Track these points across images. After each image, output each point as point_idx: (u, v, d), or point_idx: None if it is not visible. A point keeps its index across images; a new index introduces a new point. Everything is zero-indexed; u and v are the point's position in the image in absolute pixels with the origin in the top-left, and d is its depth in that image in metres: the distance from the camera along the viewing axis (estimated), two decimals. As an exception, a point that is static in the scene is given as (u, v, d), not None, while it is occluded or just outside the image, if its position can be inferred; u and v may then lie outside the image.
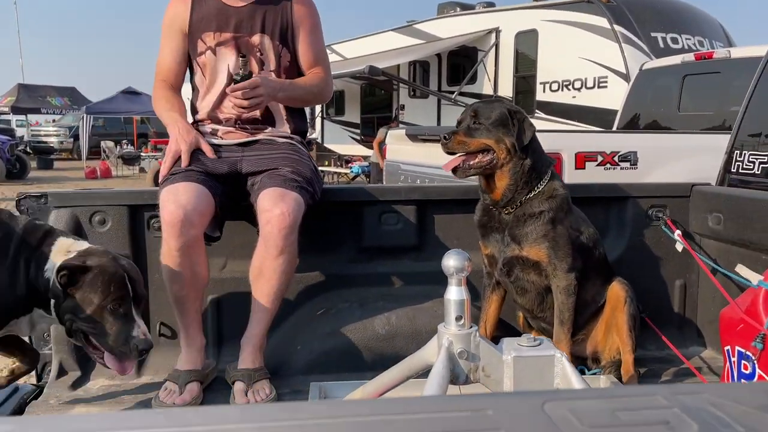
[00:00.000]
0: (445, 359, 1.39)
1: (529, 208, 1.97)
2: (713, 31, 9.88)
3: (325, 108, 16.71)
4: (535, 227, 1.96)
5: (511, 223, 1.99)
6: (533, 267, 2.01)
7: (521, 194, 1.97)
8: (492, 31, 11.20)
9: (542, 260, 1.97)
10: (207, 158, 2.10)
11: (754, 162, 2.34)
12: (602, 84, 9.16)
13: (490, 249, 2.06)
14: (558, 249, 1.97)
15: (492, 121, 1.95)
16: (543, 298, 2.06)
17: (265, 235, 1.94)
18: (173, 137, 2.09)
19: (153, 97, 2.22)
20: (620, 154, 4.14)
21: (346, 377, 2.16)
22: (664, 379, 2.21)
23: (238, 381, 1.98)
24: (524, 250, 1.98)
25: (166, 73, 2.21)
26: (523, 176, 1.96)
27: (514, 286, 2.09)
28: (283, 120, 2.25)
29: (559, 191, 2.01)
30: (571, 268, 1.98)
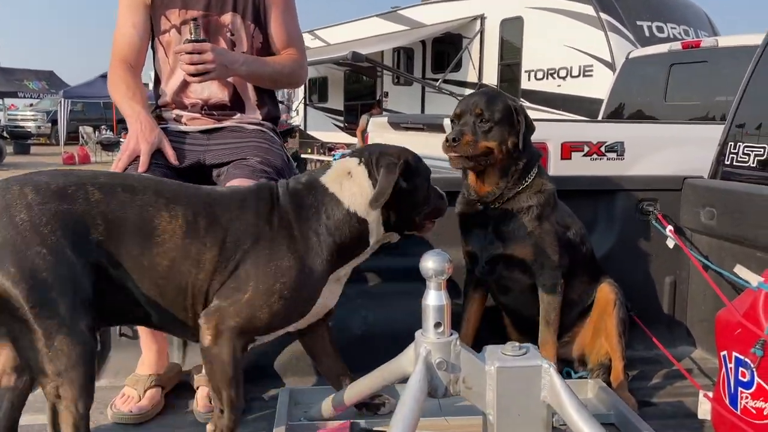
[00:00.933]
0: (423, 371, 1.27)
1: (517, 203, 1.85)
2: (698, 20, 9.82)
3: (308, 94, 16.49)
4: (522, 223, 1.84)
5: (496, 219, 1.87)
6: (518, 265, 1.89)
7: (511, 190, 1.85)
8: (477, 17, 11.05)
9: (528, 258, 1.86)
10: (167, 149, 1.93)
11: (749, 154, 2.24)
12: (588, 73, 9.06)
13: (471, 246, 1.93)
14: (545, 246, 1.86)
15: (498, 119, 1.81)
16: (527, 297, 1.95)
17: None
18: (133, 133, 1.89)
19: (109, 80, 2.00)
20: (607, 144, 4.04)
21: (319, 381, 2.04)
22: (654, 382, 2.11)
23: (202, 386, 1.85)
24: (509, 248, 1.86)
25: (126, 50, 2.02)
26: (515, 173, 1.85)
27: (497, 284, 1.98)
28: (253, 105, 2.10)
29: (547, 186, 1.89)
30: (558, 266, 1.87)
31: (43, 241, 1.24)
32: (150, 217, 1.36)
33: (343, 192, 1.49)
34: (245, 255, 1.41)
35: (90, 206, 1.32)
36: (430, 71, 12.40)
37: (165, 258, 1.36)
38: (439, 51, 12.23)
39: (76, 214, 1.30)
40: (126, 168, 1.86)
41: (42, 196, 1.27)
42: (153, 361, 1.89)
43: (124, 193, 1.36)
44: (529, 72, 9.99)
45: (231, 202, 1.46)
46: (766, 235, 1.95)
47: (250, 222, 1.44)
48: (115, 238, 1.33)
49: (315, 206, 1.48)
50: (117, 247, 1.34)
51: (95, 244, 1.31)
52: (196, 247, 1.38)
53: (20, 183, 1.30)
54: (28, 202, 1.26)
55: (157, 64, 2.10)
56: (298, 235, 1.45)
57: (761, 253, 2.01)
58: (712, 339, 2.21)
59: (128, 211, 1.35)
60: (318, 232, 1.46)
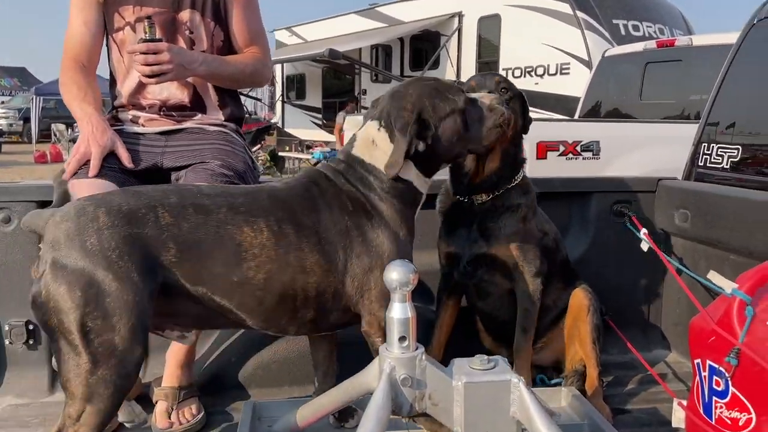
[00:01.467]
0: (387, 388, 1.21)
1: (507, 199, 1.81)
2: (673, 19, 9.91)
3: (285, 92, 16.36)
4: (509, 222, 1.80)
5: (482, 215, 1.81)
6: (500, 267, 1.83)
7: (503, 182, 1.82)
8: (455, 15, 11.04)
9: (510, 260, 1.80)
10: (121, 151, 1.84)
11: (722, 155, 2.21)
12: (564, 71, 9.09)
13: (453, 246, 1.87)
14: (528, 251, 1.81)
15: (515, 95, 1.82)
16: (504, 302, 1.90)
17: None
18: (84, 136, 1.79)
19: (61, 81, 1.90)
20: (582, 143, 4.02)
21: (285, 391, 1.98)
22: (628, 388, 2.07)
23: (161, 401, 1.77)
24: (493, 247, 1.80)
25: (78, 49, 1.91)
26: (509, 164, 1.83)
27: (476, 288, 1.92)
28: (214, 106, 2.01)
29: (532, 188, 1.87)
30: (539, 273, 1.82)
31: (110, 266, 1.24)
32: (230, 235, 1.35)
33: (375, 160, 1.49)
34: (347, 251, 1.43)
35: (160, 230, 1.31)
36: (409, 69, 12.36)
37: (260, 271, 1.36)
38: (417, 48, 12.20)
39: (145, 238, 1.29)
40: (76, 171, 1.76)
41: (112, 220, 1.28)
42: (109, 375, 1.80)
43: (197, 214, 1.34)
44: (507, 70, 9.99)
45: (302, 201, 1.46)
46: (739, 238, 1.92)
47: (334, 217, 1.45)
48: (190, 260, 1.32)
49: (364, 179, 1.49)
50: (194, 267, 1.32)
51: (167, 267, 1.31)
52: (294, 255, 1.39)
53: (95, 204, 1.30)
54: (99, 226, 1.26)
55: (112, 63, 2.00)
56: (372, 210, 1.47)
57: (735, 256, 1.98)
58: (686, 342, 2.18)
59: (203, 232, 1.33)
60: (383, 200, 1.48)
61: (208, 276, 1.33)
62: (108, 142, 1.79)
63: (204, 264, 1.32)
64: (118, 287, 1.23)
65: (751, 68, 2.25)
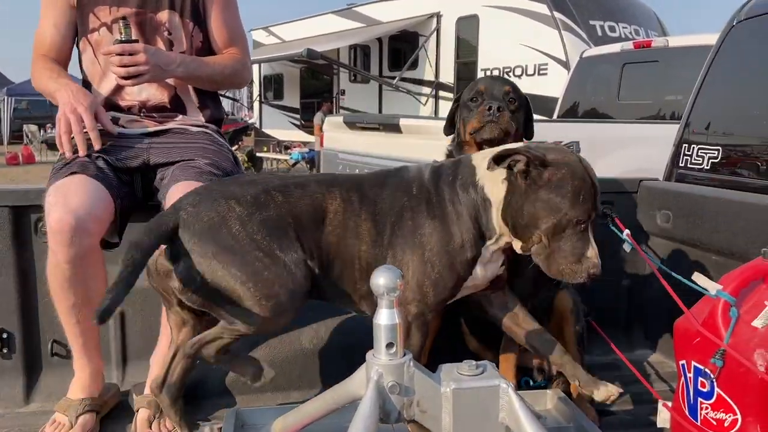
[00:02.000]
0: (374, 396, 1.18)
1: None
2: (648, 20, 10.03)
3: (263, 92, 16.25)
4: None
5: None
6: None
7: None
8: (433, 15, 11.05)
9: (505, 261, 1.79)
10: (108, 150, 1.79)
11: (703, 156, 2.23)
12: (542, 71, 9.15)
13: None
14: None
15: (523, 105, 1.81)
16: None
17: None
18: (65, 100, 1.71)
19: (32, 74, 1.86)
20: (563, 144, 4.04)
21: (269, 398, 1.95)
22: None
23: (143, 408, 1.72)
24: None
25: (48, 49, 1.88)
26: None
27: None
28: (194, 107, 1.97)
29: None
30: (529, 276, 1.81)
31: (259, 247, 1.40)
32: (319, 203, 1.49)
33: (487, 185, 1.46)
34: (394, 227, 1.48)
35: (279, 209, 1.46)
36: (387, 69, 12.35)
37: (332, 235, 1.48)
38: (396, 49, 12.19)
39: (273, 218, 1.45)
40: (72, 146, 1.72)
41: (245, 208, 1.43)
42: (86, 384, 1.75)
43: (297, 189, 1.49)
44: (485, 70, 10.03)
45: (373, 177, 1.56)
46: (721, 238, 1.94)
47: (395, 194, 1.51)
48: (300, 230, 1.46)
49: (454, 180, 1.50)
50: (303, 236, 1.46)
51: (292, 240, 1.45)
52: (353, 221, 1.49)
53: (223, 196, 1.44)
54: (237, 213, 1.42)
55: (86, 65, 1.95)
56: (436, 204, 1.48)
57: (716, 257, 1.99)
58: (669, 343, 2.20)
59: (303, 204, 1.48)
60: (455, 204, 1.48)
61: (309, 243, 1.46)
62: (92, 102, 1.74)
63: (307, 232, 1.46)
64: (270, 262, 1.39)
65: (731, 69, 2.27)
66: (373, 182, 1.54)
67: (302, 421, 1.46)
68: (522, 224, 1.42)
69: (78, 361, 1.78)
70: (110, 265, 1.96)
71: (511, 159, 1.37)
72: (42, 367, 1.98)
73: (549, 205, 1.38)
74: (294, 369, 1.95)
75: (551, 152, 1.40)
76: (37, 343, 1.97)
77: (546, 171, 1.37)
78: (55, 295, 1.69)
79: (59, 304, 1.70)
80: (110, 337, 2.00)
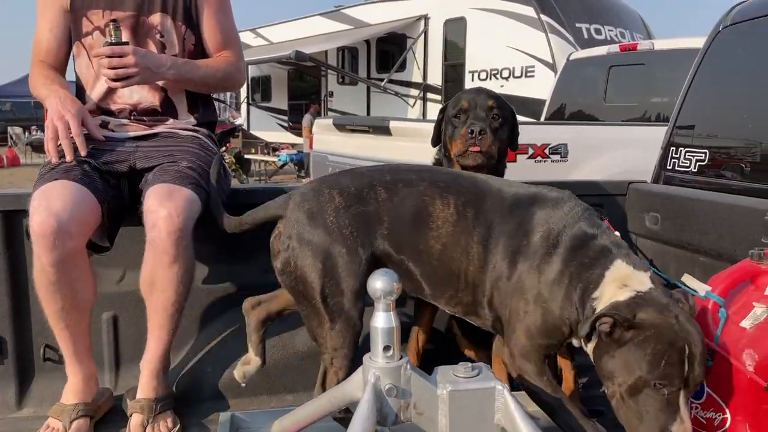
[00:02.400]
0: (371, 398, 1.20)
1: None
2: (633, 23, 10.12)
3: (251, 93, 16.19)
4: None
5: None
6: None
7: None
8: (421, 17, 11.07)
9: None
10: (95, 154, 1.79)
11: (690, 159, 2.26)
12: (529, 73, 9.20)
13: None
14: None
15: (508, 120, 1.80)
16: None
17: (153, 240, 1.67)
18: (54, 108, 1.73)
19: (30, 79, 1.88)
20: (551, 146, 4.07)
21: (263, 401, 1.96)
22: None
23: (136, 413, 1.72)
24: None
25: (45, 54, 1.89)
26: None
27: None
28: (186, 110, 1.97)
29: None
30: None
31: (344, 242, 1.46)
32: (425, 206, 1.49)
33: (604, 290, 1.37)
34: (504, 268, 1.45)
35: (378, 205, 1.49)
36: (375, 71, 12.35)
37: (438, 242, 1.48)
38: (384, 51, 12.20)
39: (368, 214, 1.49)
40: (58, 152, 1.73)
41: (345, 200, 1.49)
42: (80, 389, 1.75)
43: (404, 188, 1.50)
44: (472, 72, 10.07)
45: (500, 201, 1.50)
46: (708, 240, 1.97)
47: (515, 233, 1.45)
48: (396, 230, 1.49)
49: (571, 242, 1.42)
50: (398, 236, 1.49)
51: (380, 238, 1.49)
52: (464, 238, 1.47)
53: (329, 186, 1.51)
54: (336, 205, 1.48)
55: (80, 69, 1.95)
56: (545, 252, 1.42)
57: (704, 258, 2.02)
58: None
59: (407, 204, 1.49)
60: (557, 257, 1.41)
61: (405, 243, 1.49)
62: (79, 110, 1.75)
63: (405, 233, 1.49)
64: (348, 259, 1.45)
65: (717, 73, 2.30)
66: (496, 204, 1.48)
67: (299, 424, 1.46)
68: (601, 372, 1.38)
69: (70, 366, 1.77)
70: (102, 268, 1.97)
71: (598, 322, 1.31)
72: (34, 372, 1.97)
73: (624, 364, 1.31)
74: (288, 372, 1.96)
75: (646, 310, 1.31)
76: (29, 348, 1.96)
77: (630, 332, 1.30)
78: (43, 299, 1.69)
79: (47, 308, 1.70)
80: (103, 341, 2.00)
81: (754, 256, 1.51)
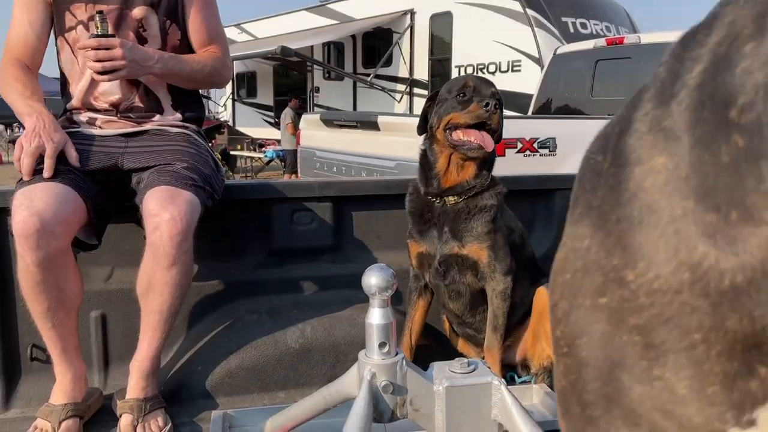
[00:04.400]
0: (367, 395, 1.18)
1: (481, 200, 1.81)
2: (619, 17, 10.16)
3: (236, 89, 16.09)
4: (481, 222, 1.80)
5: (454, 216, 1.80)
6: (471, 267, 1.83)
7: (476, 186, 1.81)
8: (407, 12, 11.05)
9: (482, 260, 1.80)
10: (80, 154, 1.74)
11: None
12: (516, 68, 9.21)
13: (425, 246, 1.85)
14: (498, 249, 1.81)
15: (501, 108, 1.79)
16: (475, 302, 1.90)
17: (153, 243, 1.64)
18: (34, 131, 1.67)
19: (1, 79, 1.80)
20: (539, 140, 4.08)
21: (255, 399, 1.93)
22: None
23: (126, 413, 1.69)
24: (465, 248, 1.80)
25: (22, 49, 1.82)
26: (483, 170, 1.83)
27: (447, 289, 1.91)
28: (170, 106, 1.94)
29: (501, 187, 1.87)
30: (509, 271, 1.83)
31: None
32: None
33: None
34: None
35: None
36: (361, 66, 12.32)
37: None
38: (370, 46, 12.17)
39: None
40: (32, 171, 1.66)
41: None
42: (68, 389, 1.72)
43: None
44: (459, 67, 10.07)
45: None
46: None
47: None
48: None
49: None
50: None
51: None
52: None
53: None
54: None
55: (64, 64, 1.90)
56: None
57: (695, 251, 2.03)
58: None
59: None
60: None
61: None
62: (61, 140, 1.70)
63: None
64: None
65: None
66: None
67: (293, 421, 1.45)
68: None
69: (58, 366, 1.74)
70: (89, 266, 1.94)
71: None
72: (21, 372, 1.93)
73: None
74: (280, 369, 1.94)
75: None
76: (16, 348, 1.93)
77: None
78: (28, 299, 1.65)
79: (33, 308, 1.66)
80: (91, 340, 1.97)
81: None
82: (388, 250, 2.23)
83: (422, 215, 1.86)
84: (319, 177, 5.12)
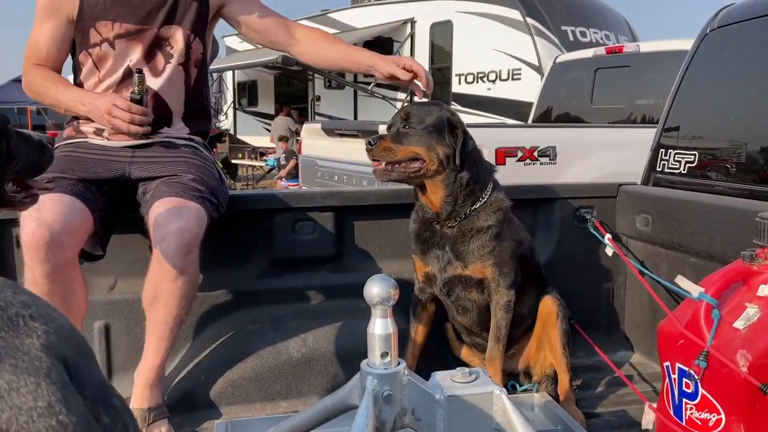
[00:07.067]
0: (370, 405, 1.19)
1: (476, 221, 1.79)
2: (618, 26, 10.20)
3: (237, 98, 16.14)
4: (482, 243, 1.78)
5: (454, 239, 1.80)
6: (476, 285, 1.83)
7: (464, 207, 1.77)
8: (407, 21, 11.10)
9: (487, 278, 1.81)
10: (87, 163, 1.77)
11: (680, 161, 2.28)
12: (516, 76, 9.25)
13: (430, 267, 1.85)
14: (503, 265, 1.81)
15: (425, 126, 1.73)
16: (484, 315, 1.90)
17: (160, 254, 1.66)
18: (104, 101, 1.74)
19: (30, 83, 1.84)
20: (539, 149, 4.09)
21: (257, 408, 1.94)
22: (597, 391, 2.11)
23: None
24: (468, 269, 1.80)
25: (44, 59, 1.86)
26: (462, 189, 1.76)
27: (454, 305, 1.91)
28: (180, 118, 1.96)
29: (504, 203, 1.84)
30: (513, 284, 1.83)
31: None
32: None
33: None
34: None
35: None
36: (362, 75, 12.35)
37: None
38: (371, 54, 12.20)
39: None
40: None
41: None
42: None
43: None
44: (459, 76, 10.10)
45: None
46: (699, 241, 1.98)
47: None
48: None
49: None
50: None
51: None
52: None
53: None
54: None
55: (80, 75, 1.92)
56: None
57: (695, 259, 2.04)
58: (649, 344, 2.25)
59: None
60: None
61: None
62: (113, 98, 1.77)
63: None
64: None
65: (705, 76, 2.32)
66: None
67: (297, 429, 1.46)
68: None
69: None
70: (93, 276, 1.95)
71: None
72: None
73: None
74: (282, 379, 1.95)
75: None
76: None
77: None
78: None
79: None
80: (95, 350, 1.97)
81: (745, 258, 1.52)
82: (390, 259, 2.24)
83: (425, 237, 1.86)
84: (321, 186, 5.13)
